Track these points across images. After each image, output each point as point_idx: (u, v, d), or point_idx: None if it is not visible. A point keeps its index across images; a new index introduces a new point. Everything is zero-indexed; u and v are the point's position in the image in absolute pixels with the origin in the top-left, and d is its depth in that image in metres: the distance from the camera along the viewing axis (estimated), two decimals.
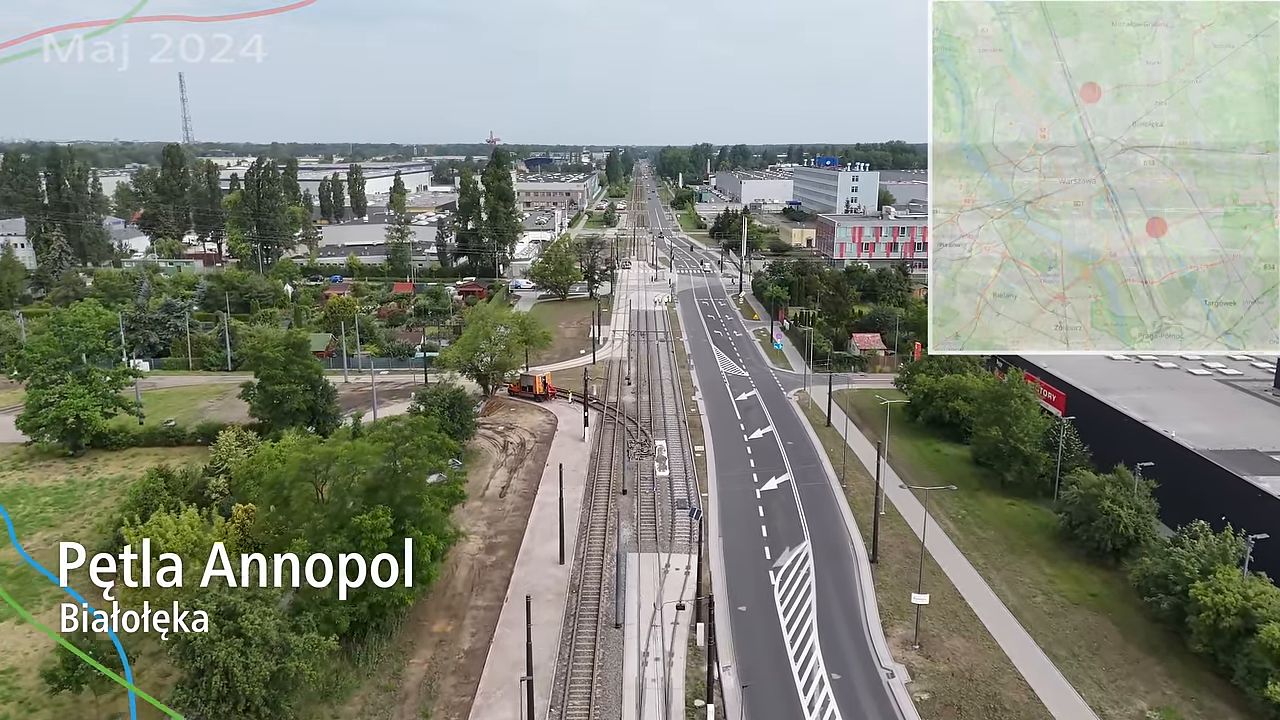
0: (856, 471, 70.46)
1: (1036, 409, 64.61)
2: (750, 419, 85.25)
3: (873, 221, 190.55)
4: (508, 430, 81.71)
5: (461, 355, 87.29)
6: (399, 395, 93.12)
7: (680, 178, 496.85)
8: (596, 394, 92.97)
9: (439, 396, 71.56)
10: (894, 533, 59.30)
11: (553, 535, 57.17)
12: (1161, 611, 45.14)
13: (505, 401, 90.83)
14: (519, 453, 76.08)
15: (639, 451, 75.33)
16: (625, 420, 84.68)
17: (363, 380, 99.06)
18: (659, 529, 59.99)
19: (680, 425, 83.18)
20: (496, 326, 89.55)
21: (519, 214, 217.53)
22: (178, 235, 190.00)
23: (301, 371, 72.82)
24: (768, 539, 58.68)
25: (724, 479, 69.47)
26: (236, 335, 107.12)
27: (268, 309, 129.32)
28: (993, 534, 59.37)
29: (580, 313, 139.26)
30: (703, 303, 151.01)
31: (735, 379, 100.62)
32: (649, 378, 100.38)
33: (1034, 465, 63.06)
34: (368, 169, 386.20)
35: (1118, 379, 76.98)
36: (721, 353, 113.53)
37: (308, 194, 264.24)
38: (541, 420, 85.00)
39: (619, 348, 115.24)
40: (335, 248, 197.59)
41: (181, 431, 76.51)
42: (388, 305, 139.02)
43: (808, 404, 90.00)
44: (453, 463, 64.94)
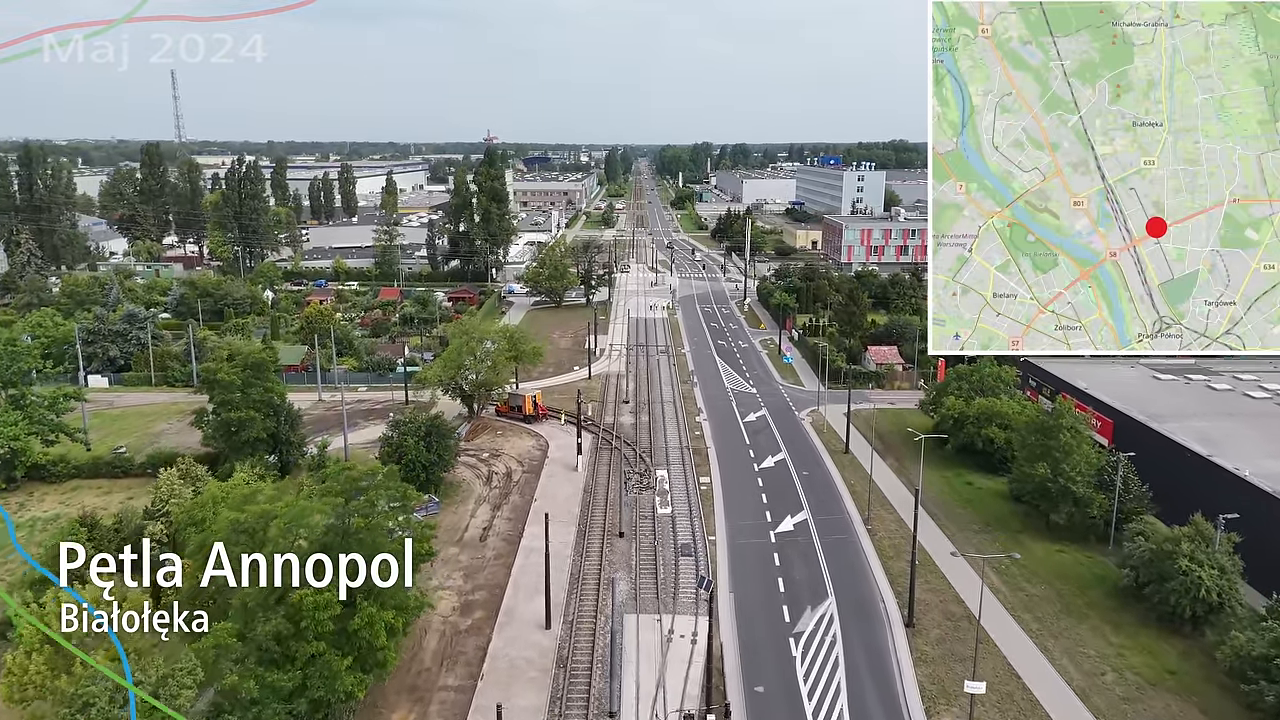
0: (881, 509, 62.87)
1: (1089, 443, 56.97)
2: (760, 444, 77.64)
3: (881, 223, 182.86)
4: (493, 458, 74.05)
5: (444, 373, 79.68)
6: (377, 415, 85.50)
7: (680, 177, 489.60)
8: (591, 414, 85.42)
9: (414, 424, 63.89)
10: (930, 588, 51.67)
11: (538, 590, 49.54)
12: (1264, 703, 37.55)
13: (492, 423, 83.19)
14: (504, 485, 68.44)
15: (638, 484, 67.75)
16: (623, 445, 77.14)
17: (339, 398, 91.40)
18: (660, 581, 52.37)
19: (683, 451, 75.58)
20: (482, 342, 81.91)
21: (513, 215, 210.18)
22: (157, 237, 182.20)
23: (261, 396, 65.21)
24: (785, 595, 51.08)
25: (733, 518, 61.88)
26: (205, 348, 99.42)
27: (242, 318, 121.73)
28: (1044, 589, 51.73)
29: (576, 321, 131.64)
30: (705, 309, 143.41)
31: (742, 396, 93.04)
32: (649, 396, 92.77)
33: (1087, 507, 55.40)
34: (362, 168, 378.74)
35: (1168, 402, 69.45)
36: (726, 365, 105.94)
37: (297, 194, 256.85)
38: (531, 445, 77.35)
39: (617, 361, 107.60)
40: (322, 250, 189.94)
41: (130, 461, 68.85)
42: (372, 313, 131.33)
43: (822, 426, 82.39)
44: (427, 503, 57.42)
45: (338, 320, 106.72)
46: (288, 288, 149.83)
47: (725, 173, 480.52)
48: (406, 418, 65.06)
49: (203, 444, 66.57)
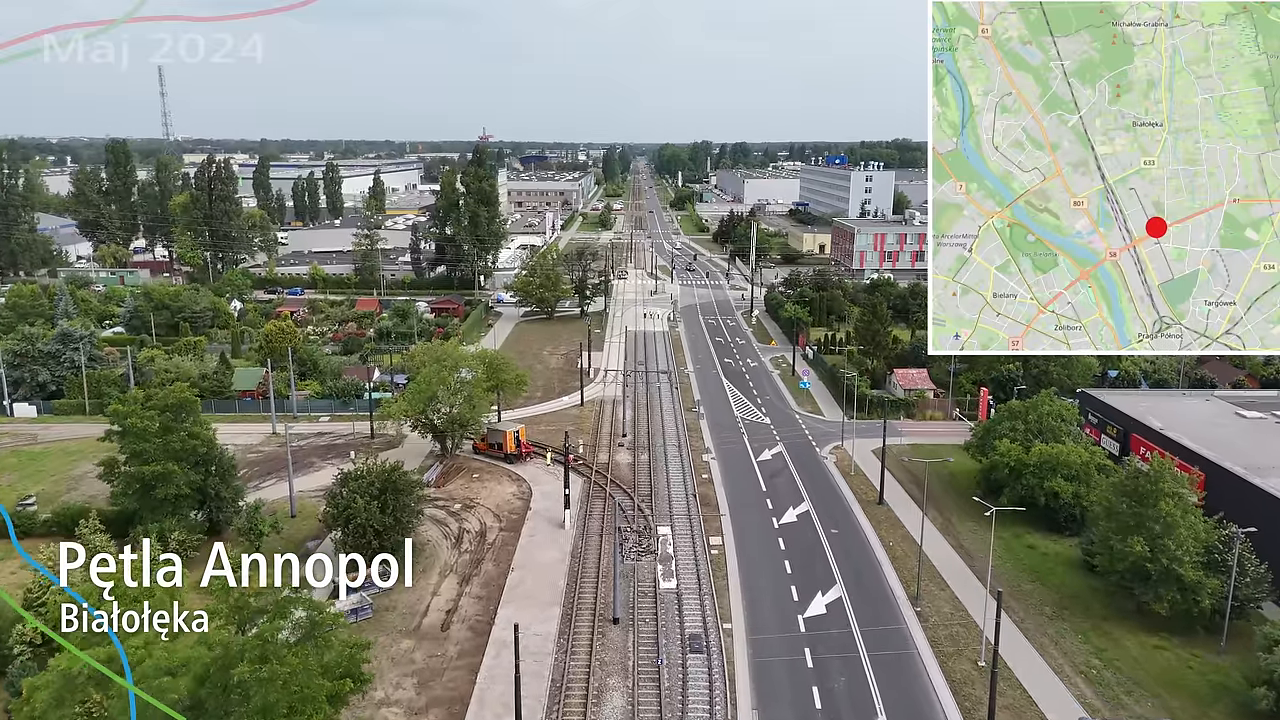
0: (931, 582, 52.01)
1: (1195, 513, 46.01)
2: (779, 491, 66.79)
3: (895, 227, 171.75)
4: (466, 509, 63.17)
5: (411, 408, 68.80)
6: (337, 453, 74.65)
7: (680, 176, 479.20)
8: (583, 450, 74.61)
9: (366, 477, 52.85)
10: (1007, 703, 40.81)
11: (509, 709, 38.69)
12: None
13: (468, 462, 72.26)
14: (477, 548, 57.56)
15: (635, 546, 56.96)
16: (619, 488, 66.36)
17: (297, 430, 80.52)
18: (665, 694, 41.52)
19: (689, 500, 64.75)
20: (456, 370, 70.96)
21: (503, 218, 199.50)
22: (124, 242, 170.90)
23: (183, 444, 54.30)
24: (823, 713, 40.25)
25: (753, 595, 51.02)
26: (150, 370, 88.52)
27: (201, 333, 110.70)
28: (1150, 704, 40.89)
29: (569, 334, 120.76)
30: (709, 322, 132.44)
31: (754, 428, 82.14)
32: (648, 427, 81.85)
33: (1195, 594, 44.52)
34: (353, 166, 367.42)
35: (1265, 447, 58.72)
36: (735, 389, 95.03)
37: (279, 194, 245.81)
38: (511, 493, 66.44)
39: (612, 384, 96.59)
40: (301, 255, 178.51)
41: (33, 518, 57.86)
42: (346, 326, 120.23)
43: (849, 467, 71.52)
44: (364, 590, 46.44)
45: (300, 338, 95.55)
46: (258, 297, 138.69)
47: (726, 172, 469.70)
48: (358, 469, 54.00)
49: (112, 503, 55.57)
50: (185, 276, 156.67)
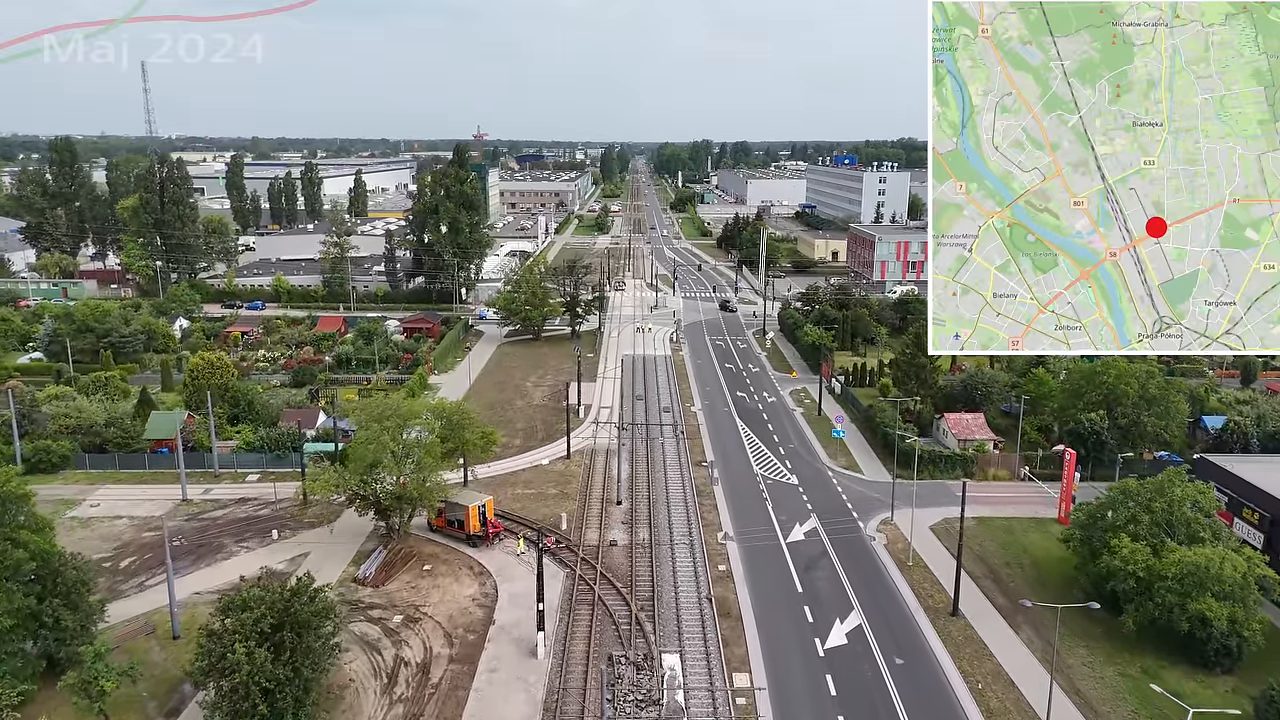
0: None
1: None
2: (819, 593, 51.49)
3: (920, 235, 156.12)
4: (408, 624, 47.88)
5: (346, 480, 53.52)
6: (258, 529, 59.41)
7: (680, 176, 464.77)
8: (566, 525, 59.50)
9: (256, 610, 37.40)
10: None
11: None
12: None
13: (421, 546, 56.97)
14: (416, 692, 42.21)
15: (633, 689, 41.71)
16: (611, 586, 51.20)
17: (216, 495, 65.32)
18: None
19: (702, 610, 49.48)
20: (405, 428, 55.68)
21: (492, 223, 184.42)
22: (71, 249, 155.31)
23: (6, 559, 38.97)
24: None
25: None
26: (39, 417, 73.19)
27: (127, 363, 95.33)
28: None
29: (556, 359, 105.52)
30: (717, 343, 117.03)
31: (780, 492, 66.77)
32: (649, 490, 66.51)
33: None
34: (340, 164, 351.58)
35: None
36: (752, 435, 79.64)
37: (255, 195, 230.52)
38: (470, 596, 51.09)
39: (606, 429, 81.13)
40: (269, 264, 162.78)
41: None
42: (302, 351, 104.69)
43: (904, 553, 56.27)
44: None
45: (234, 373, 79.93)
46: (209, 314, 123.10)
47: (727, 172, 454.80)
48: (245, 593, 38.53)
49: None
50: (135, 289, 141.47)
